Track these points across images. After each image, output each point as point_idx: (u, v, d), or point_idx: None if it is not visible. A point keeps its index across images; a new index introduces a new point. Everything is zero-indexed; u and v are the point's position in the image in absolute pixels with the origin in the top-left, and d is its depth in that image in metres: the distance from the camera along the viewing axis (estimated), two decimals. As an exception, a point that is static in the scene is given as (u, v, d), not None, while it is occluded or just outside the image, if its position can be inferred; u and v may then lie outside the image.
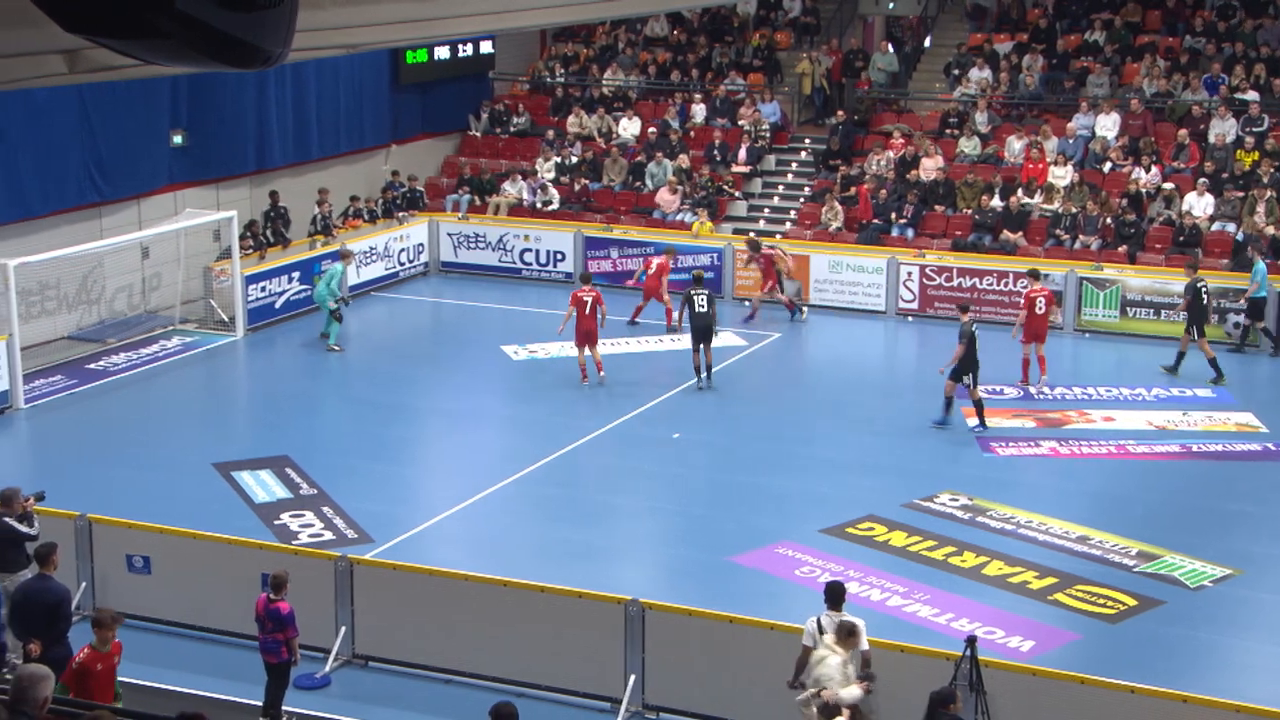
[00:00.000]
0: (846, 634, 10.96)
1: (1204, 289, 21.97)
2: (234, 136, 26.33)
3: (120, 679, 10.93)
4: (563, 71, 33.11)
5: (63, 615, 11.65)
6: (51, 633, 11.48)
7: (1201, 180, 25.99)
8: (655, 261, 24.45)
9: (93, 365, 22.31)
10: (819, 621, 11.19)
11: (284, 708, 12.15)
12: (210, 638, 13.64)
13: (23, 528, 12.72)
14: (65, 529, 13.77)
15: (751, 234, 26.32)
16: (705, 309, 21.06)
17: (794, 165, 30.15)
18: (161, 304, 24.88)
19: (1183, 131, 27.25)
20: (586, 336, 20.87)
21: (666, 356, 23.00)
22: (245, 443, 19.31)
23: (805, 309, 25.14)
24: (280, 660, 11.97)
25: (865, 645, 11.12)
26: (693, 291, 21.45)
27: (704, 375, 21.06)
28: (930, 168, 27.89)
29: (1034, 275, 21.74)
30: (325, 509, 16.74)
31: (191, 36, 3.05)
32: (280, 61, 3.39)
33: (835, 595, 11.39)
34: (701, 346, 20.97)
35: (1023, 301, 21.60)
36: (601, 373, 21.15)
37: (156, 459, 18.41)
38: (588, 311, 20.77)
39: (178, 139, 25.43)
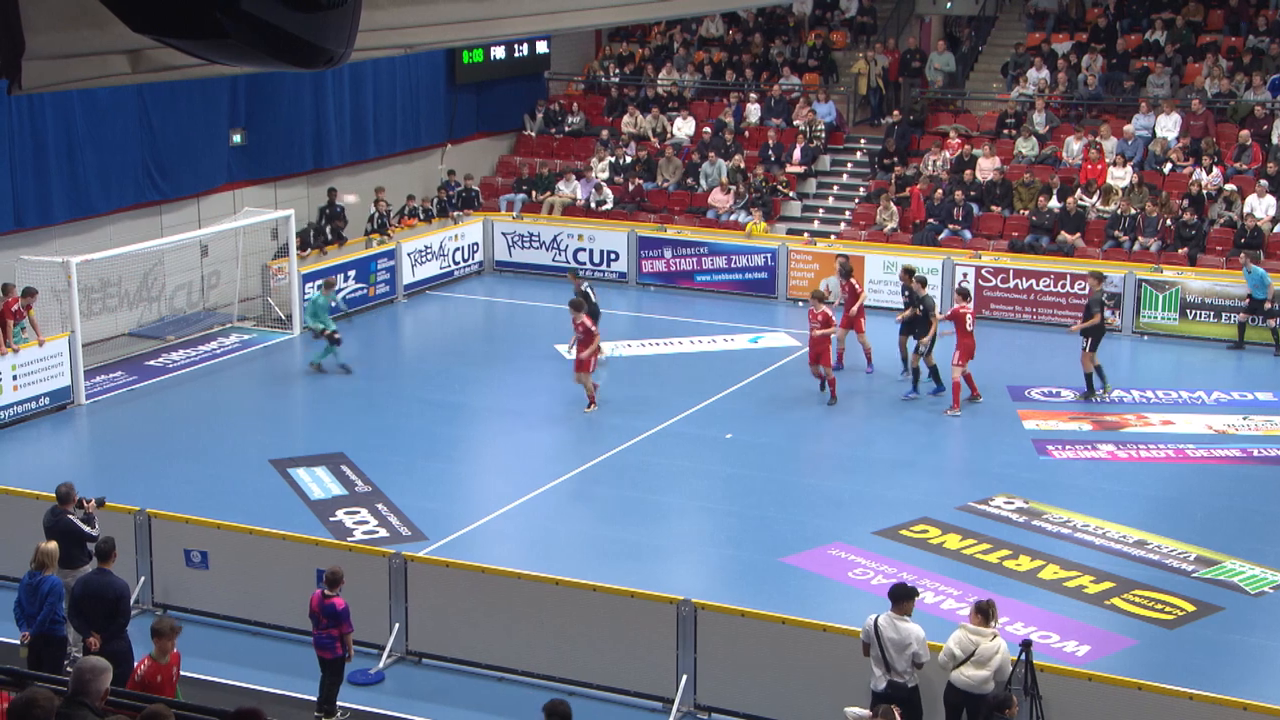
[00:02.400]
0: (986, 613, 11.20)
1: (1107, 302, 21.44)
2: (292, 136, 26.58)
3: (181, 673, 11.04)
4: (617, 71, 33.16)
5: (122, 610, 11.79)
6: (111, 627, 11.62)
7: (1263, 182, 25.66)
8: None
9: (152, 362, 22.58)
10: (876, 621, 11.14)
11: (338, 703, 12.25)
12: (266, 633, 13.77)
13: (85, 527, 12.90)
14: (124, 524, 13.95)
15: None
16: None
17: (849, 165, 30.03)
18: (220, 301, 25.15)
19: (1245, 132, 26.90)
20: (583, 362, 19.97)
21: (719, 357, 22.97)
22: (301, 440, 19.48)
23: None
24: (334, 656, 12.06)
25: (926, 656, 11.07)
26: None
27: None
28: (987, 168, 27.70)
29: (961, 294, 20.77)
30: (380, 506, 16.85)
31: (256, 36, 3.09)
32: (343, 62, 3.42)
33: (897, 596, 11.29)
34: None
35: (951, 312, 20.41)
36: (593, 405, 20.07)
37: (214, 455, 18.61)
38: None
39: (237, 138, 25.69)
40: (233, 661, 13.15)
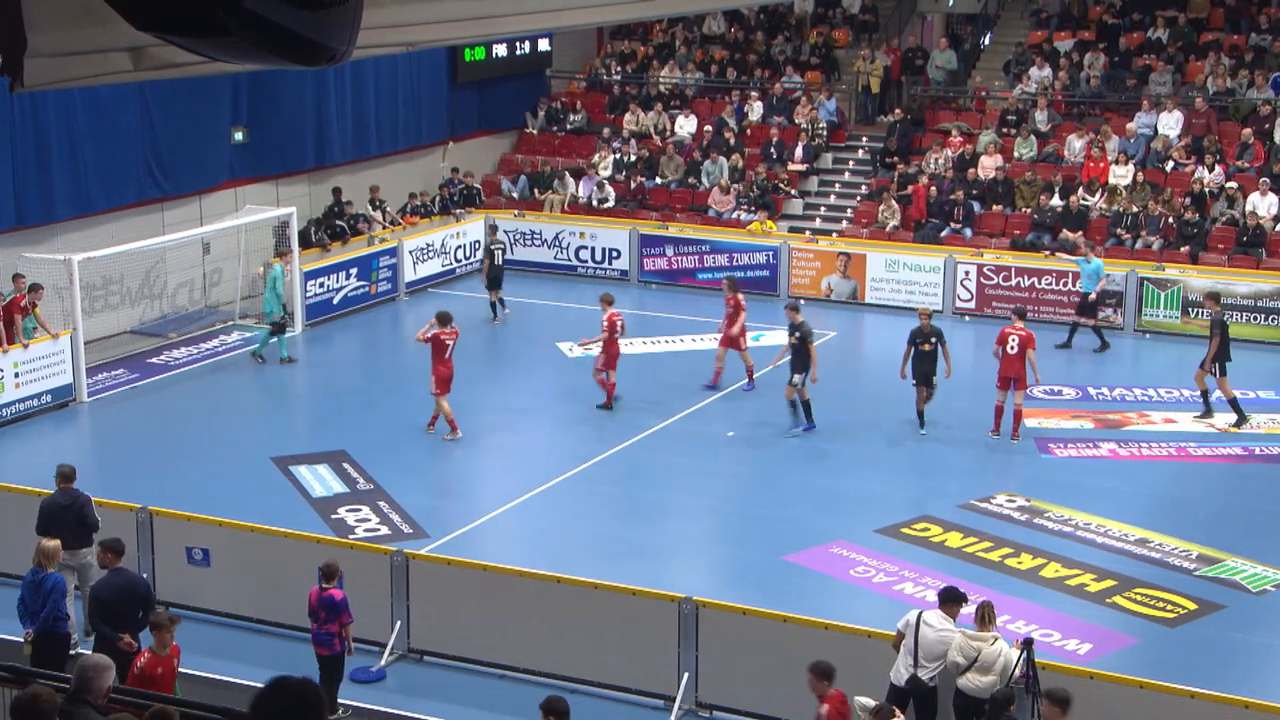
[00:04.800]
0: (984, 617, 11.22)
1: (1228, 322, 20.40)
2: (294, 133, 26.58)
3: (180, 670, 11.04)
4: (619, 69, 33.16)
5: (150, 605, 11.84)
6: (141, 623, 11.60)
7: (1265, 180, 25.65)
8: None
9: (154, 359, 22.59)
10: (921, 615, 11.16)
11: (340, 700, 12.25)
12: (268, 630, 13.77)
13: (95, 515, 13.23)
14: (126, 521, 13.95)
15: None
16: (500, 262, 25.01)
17: (851, 163, 30.03)
18: (222, 299, 25.16)
19: (1247, 130, 26.89)
20: (447, 383, 18.93)
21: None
22: (303, 437, 19.48)
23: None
24: (332, 652, 12.07)
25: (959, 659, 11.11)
26: (492, 244, 24.95)
27: (502, 311, 24.85)
28: (989, 166, 27.69)
29: (1019, 314, 19.52)
30: (381, 504, 16.86)
31: (259, 34, 3.09)
32: (345, 59, 3.42)
33: (946, 598, 11.41)
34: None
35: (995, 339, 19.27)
36: (458, 433, 19.06)
37: (216, 453, 18.62)
38: (447, 355, 18.88)
39: (238, 136, 25.70)
40: (235, 659, 13.15)
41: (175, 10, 3.08)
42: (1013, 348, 18.78)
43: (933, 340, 19.12)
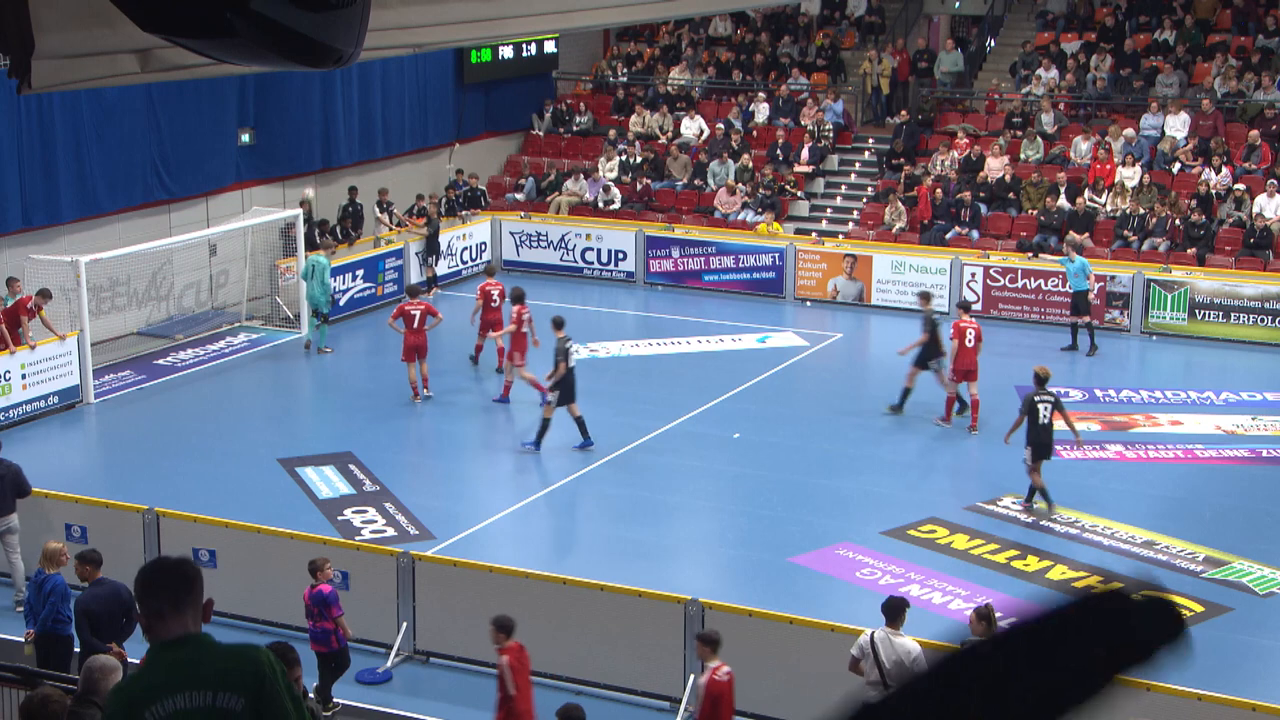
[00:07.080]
0: (989, 620, 11.00)
1: (939, 320, 20.22)
2: (301, 135, 26.61)
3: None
4: (625, 71, 33.17)
5: (133, 611, 11.85)
6: (128, 630, 11.65)
7: (1272, 181, 25.61)
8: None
9: (161, 361, 22.62)
10: (873, 636, 11.04)
11: (342, 700, 12.26)
12: (274, 631, 13.77)
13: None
14: (133, 522, 13.98)
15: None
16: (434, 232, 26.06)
17: (857, 165, 30.02)
18: (228, 301, 25.19)
19: (1254, 132, 26.85)
20: (415, 351, 20.35)
21: (726, 357, 22.96)
22: (309, 439, 19.50)
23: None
24: (330, 650, 12.09)
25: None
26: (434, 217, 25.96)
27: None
28: (996, 168, 27.67)
29: (963, 306, 20.09)
30: (388, 505, 16.86)
31: (266, 36, 3.09)
32: (352, 61, 3.42)
33: (892, 611, 11.03)
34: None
35: (951, 333, 19.33)
36: (428, 391, 20.46)
37: (222, 454, 18.63)
38: (415, 325, 20.22)
39: (245, 137, 25.73)
40: (241, 660, 13.16)
41: (182, 12, 3.08)
42: (970, 341, 19.11)
43: (1049, 402, 16.74)
